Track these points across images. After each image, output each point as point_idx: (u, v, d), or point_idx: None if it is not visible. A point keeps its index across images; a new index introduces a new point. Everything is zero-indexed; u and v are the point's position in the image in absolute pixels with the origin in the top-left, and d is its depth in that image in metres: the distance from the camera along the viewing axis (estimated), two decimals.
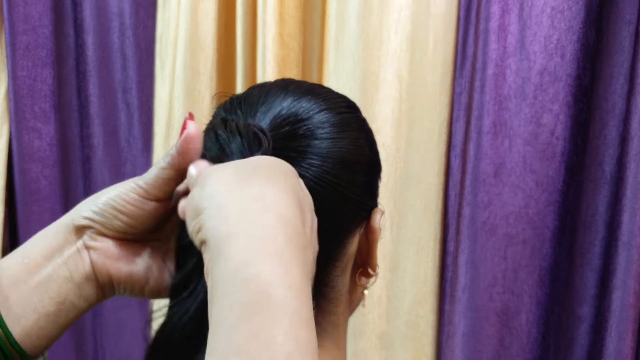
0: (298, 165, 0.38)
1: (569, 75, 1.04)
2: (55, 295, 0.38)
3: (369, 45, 1.10)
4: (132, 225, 0.39)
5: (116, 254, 0.39)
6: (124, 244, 0.40)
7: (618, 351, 0.98)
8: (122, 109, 1.32)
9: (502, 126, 1.06)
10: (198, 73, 1.18)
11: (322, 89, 0.44)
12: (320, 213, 0.38)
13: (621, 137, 1.01)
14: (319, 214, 0.38)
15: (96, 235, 0.39)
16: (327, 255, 0.41)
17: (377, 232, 0.44)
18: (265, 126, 0.39)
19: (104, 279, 0.39)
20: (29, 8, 1.28)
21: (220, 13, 1.18)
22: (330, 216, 0.40)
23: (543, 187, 1.07)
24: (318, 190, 0.39)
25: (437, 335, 1.16)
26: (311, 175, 0.39)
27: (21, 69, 1.29)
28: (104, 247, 0.39)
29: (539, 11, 1.04)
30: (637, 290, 0.96)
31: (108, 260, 0.39)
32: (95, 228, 0.39)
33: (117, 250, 0.39)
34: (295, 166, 0.38)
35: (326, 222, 0.39)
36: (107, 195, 0.39)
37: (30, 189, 1.33)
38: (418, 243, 1.13)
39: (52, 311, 0.37)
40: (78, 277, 0.38)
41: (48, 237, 0.39)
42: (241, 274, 0.27)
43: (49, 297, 0.37)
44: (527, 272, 1.09)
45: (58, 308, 0.38)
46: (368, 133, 0.45)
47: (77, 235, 0.39)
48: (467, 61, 1.10)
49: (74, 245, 0.39)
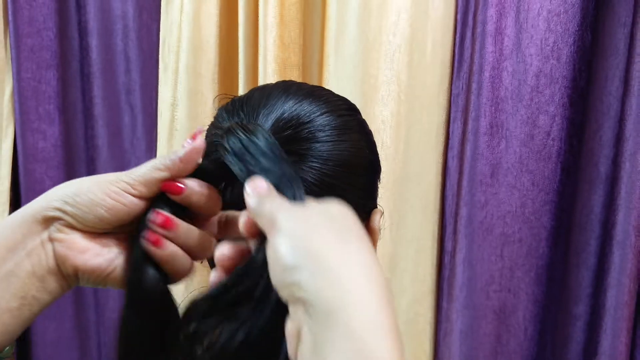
0: (299, 168, 0.39)
1: (564, 77, 1.05)
2: (18, 290, 0.36)
3: (368, 48, 1.11)
4: (106, 221, 0.37)
5: (82, 247, 0.37)
6: (90, 236, 0.38)
7: (613, 348, 0.99)
8: (126, 110, 1.33)
9: (498, 127, 1.07)
10: (200, 75, 1.19)
11: (322, 91, 0.45)
12: None
13: (616, 138, 1.01)
14: None
15: (64, 228, 0.37)
16: None
17: (376, 232, 0.44)
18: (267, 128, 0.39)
19: (68, 271, 0.37)
20: (34, 11, 1.29)
21: (222, 16, 1.19)
22: None
23: (539, 187, 1.08)
24: (319, 192, 0.39)
25: (435, 332, 1.17)
26: (312, 177, 0.39)
27: (26, 71, 1.30)
28: (70, 239, 0.37)
29: (535, 14, 1.04)
30: (631, 288, 0.97)
31: (73, 253, 0.37)
32: (65, 220, 0.37)
33: (83, 242, 0.37)
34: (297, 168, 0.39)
35: None
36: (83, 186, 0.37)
37: (35, 190, 1.34)
38: (417, 242, 1.14)
39: (15, 307, 0.36)
40: (41, 271, 0.37)
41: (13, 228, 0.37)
42: (362, 351, 0.27)
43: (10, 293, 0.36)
44: (523, 270, 1.10)
45: (21, 303, 0.36)
46: (368, 135, 0.45)
47: (43, 226, 0.37)
48: (465, 63, 1.11)
49: (38, 238, 0.37)
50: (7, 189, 1.33)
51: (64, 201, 0.36)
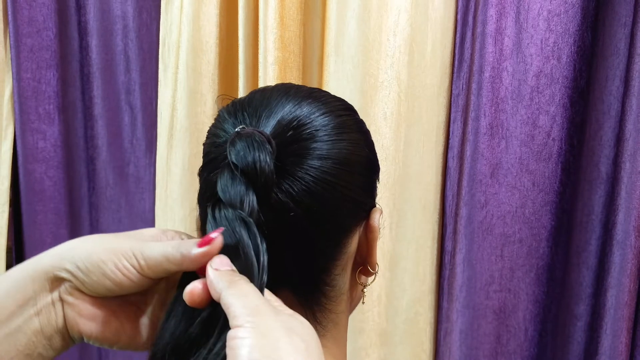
0: (300, 167, 0.40)
1: (565, 77, 1.05)
2: (24, 347, 0.36)
3: (368, 48, 1.11)
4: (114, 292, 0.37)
5: (91, 314, 0.37)
6: (99, 303, 0.38)
7: (613, 349, 0.99)
8: (126, 110, 1.33)
9: (498, 127, 1.07)
10: (200, 75, 1.19)
11: (320, 92, 0.45)
12: (321, 213, 0.40)
13: (617, 138, 1.01)
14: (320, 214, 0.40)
15: (74, 291, 0.37)
16: (327, 254, 0.42)
17: (376, 231, 0.45)
18: (269, 131, 0.40)
19: (74, 334, 0.38)
20: (34, 11, 1.30)
21: (222, 17, 1.19)
22: (330, 216, 0.41)
23: (539, 188, 1.08)
24: (319, 190, 0.40)
25: (435, 332, 1.17)
26: (312, 176, 0.40)
27: (25, 71, 1.30)
28: (79, 304, 0.37)
29: (535, 14, 1.04)
30: (631, 288, 0.97)
31: (82, 320, 0.37)
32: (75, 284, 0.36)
33: (92, 310, 0.37)
34: (298, 168, 0.39)
35: (327, 222, 0.41)
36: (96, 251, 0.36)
37: (35, 190, 1.34)
38: (417, 242, 1.14)
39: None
40: (50, 330, 0.37)
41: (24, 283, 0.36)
42: None
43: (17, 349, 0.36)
44: (523, 271, 1.10)
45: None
46: (366, 134, 0.46)
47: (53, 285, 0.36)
48: (465, 63, 1.11)
49: (49, 296, 0.36)
50: (6, 189, 1.34)
51: (76, 265, 0.36)
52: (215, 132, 0.43)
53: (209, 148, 0.43)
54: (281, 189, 0.39)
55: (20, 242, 1.39)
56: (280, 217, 0.39)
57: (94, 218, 1.39)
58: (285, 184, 0.39)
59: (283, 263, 0.41)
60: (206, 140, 0.44)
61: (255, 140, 0.38)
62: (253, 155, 0.37)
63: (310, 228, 0.40)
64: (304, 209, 0.39)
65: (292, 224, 0.39)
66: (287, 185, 0.39)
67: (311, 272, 0.42)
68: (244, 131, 0.39)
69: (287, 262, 0.41)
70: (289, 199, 0.39)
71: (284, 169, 0.39)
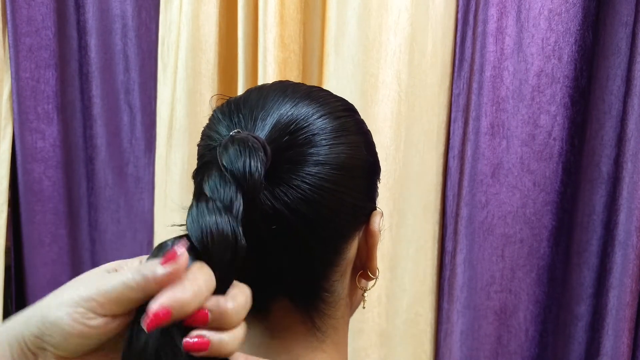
0: (296, 174, 0.38)
1: (566, 77, 1.05)
2: None
3: (368, 47, 1.10)
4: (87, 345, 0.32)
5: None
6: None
7: (615, 349, 0.99)
8: (125, 110, 1.33)
9: (499, 127, 1.07)
10: (200, 75, 1.19)
11: (320, 92, 0.44)
12: (318, 220, 0.39)
13: (618, 137, 1.01)
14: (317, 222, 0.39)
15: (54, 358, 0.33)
16: (325, 261, 0.41)
17: (376, 235, 0.43)
18: (264, 135, 0.39)
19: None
20: (32, 10, 1.29)
21: (222, 16, 1.19)
22: (328, 223, 0.40)
23: (540, 187, 1.07)
24: (316, 198, 0.38)
25: (435, 333, 1.17)
26: (309, 183, 0.38)
27: (24, 70, 1.30)
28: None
29: (536, 14, 1.04)
30: (633, 289, 0.97)
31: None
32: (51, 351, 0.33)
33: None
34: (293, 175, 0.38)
35: (324, 229, 0.39)
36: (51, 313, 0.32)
37: (34, 190, 1.34)
38: (417, 242, 1.14)
39: None
40: None
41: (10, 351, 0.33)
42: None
43: None
44: (524, 271, 1.10)
45: None
46: (366, 135, 0.44)
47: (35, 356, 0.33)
48: (465, 63, 1.10)
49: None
50: (5, 189, 1.33)
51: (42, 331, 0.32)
52: (209, 134, 0.41)
53: (203, 151, 0.42)
54: (275, 196, 0.38)
55: (19, 242, 1.39)
56: (275, 225, 0.38)
57: (92, 218, 1.39)
58: (280, 192, 0.38)
59: (280, 270, 0.40)
60: (200, 142, 0.43)
61: (248, 146, 0.36)
62: (244, 161, 0.35)
63: (307, 236, 0.39)
64: (300, 217, 0.38)
65: (288, 231, 0.38)
66: (281, 193, 0.38)
67: (309, 279, 0.41)
68: (238, 135, 0.37)
69: (284, 269, 0.40)
70: (284, 207, 0.38)
71: (279, 177, 0.38)
